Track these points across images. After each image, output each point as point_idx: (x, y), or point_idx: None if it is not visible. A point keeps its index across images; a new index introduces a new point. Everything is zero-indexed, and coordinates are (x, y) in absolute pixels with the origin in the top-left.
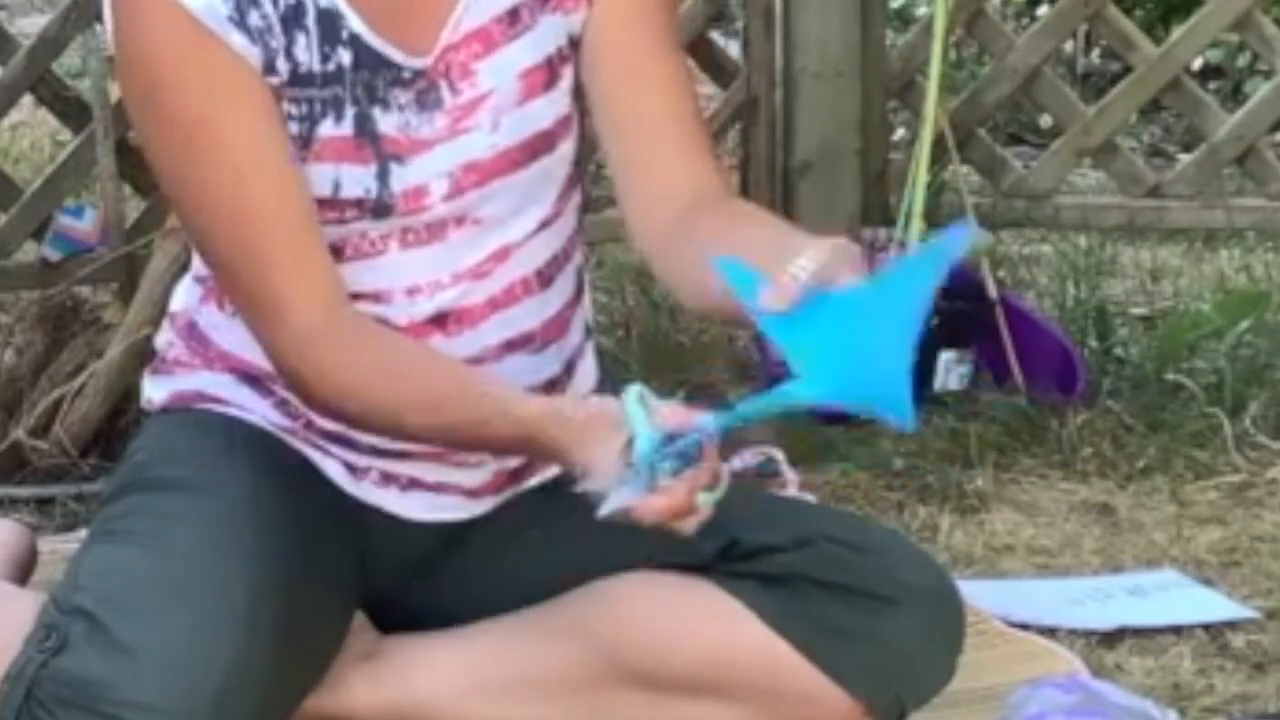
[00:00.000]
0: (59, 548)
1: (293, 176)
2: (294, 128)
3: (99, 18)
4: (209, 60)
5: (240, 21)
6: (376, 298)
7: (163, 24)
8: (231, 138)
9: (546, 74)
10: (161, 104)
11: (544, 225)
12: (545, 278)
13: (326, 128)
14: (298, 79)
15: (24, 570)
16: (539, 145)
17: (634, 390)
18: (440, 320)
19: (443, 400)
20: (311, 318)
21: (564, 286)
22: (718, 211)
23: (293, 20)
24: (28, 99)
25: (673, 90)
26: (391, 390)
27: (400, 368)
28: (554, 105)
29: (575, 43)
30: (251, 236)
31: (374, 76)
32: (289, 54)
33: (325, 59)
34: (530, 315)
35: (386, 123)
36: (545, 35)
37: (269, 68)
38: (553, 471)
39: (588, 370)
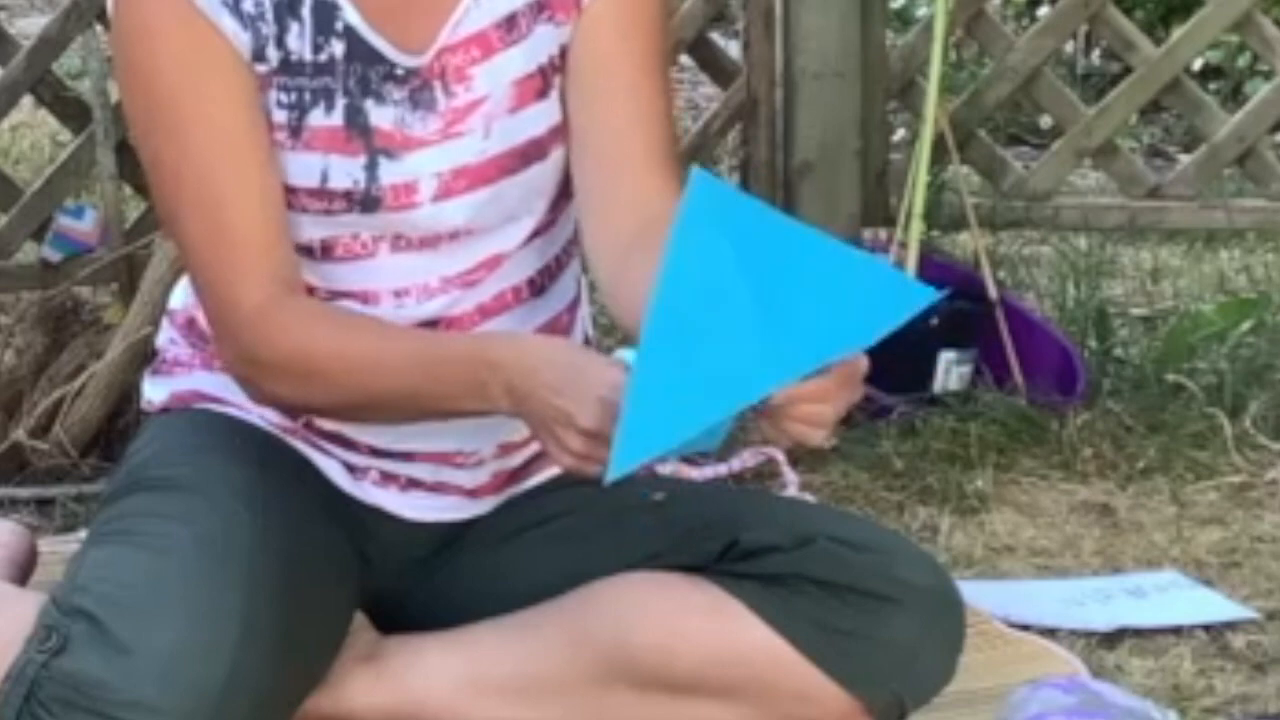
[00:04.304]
0: (59, 548)
1: (262, 161)
2: (283, 115)
3: (99, 18)
4: (194, 39)
5: (234, 6)
6: (364, 298)
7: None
8: (204, 116)
9: (539, 83)
10: (143, 75)
11: (537, 234)
12: (537, 286)
13: (316, 117)
14: (288, 67)
15: (24, 571)
16: (531, 152)
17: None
18: (429, 327)
19: (397, 360)
20: (265, 299)
21: (558, 293)
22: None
23: (287, 9)
24: (28, 100)
25: (647, 114)
26: (342, 358)
27: (351, 333)
28: (546, 113)
29: (565, 53)
30: (214, 214)
31: (367, 69)
32: (280, 42)
33: (317, 49)
34: (520, 323)
35: (381, 116)
36: (539, 45)
37: (259, 55)
38: (553, 471)
39: None
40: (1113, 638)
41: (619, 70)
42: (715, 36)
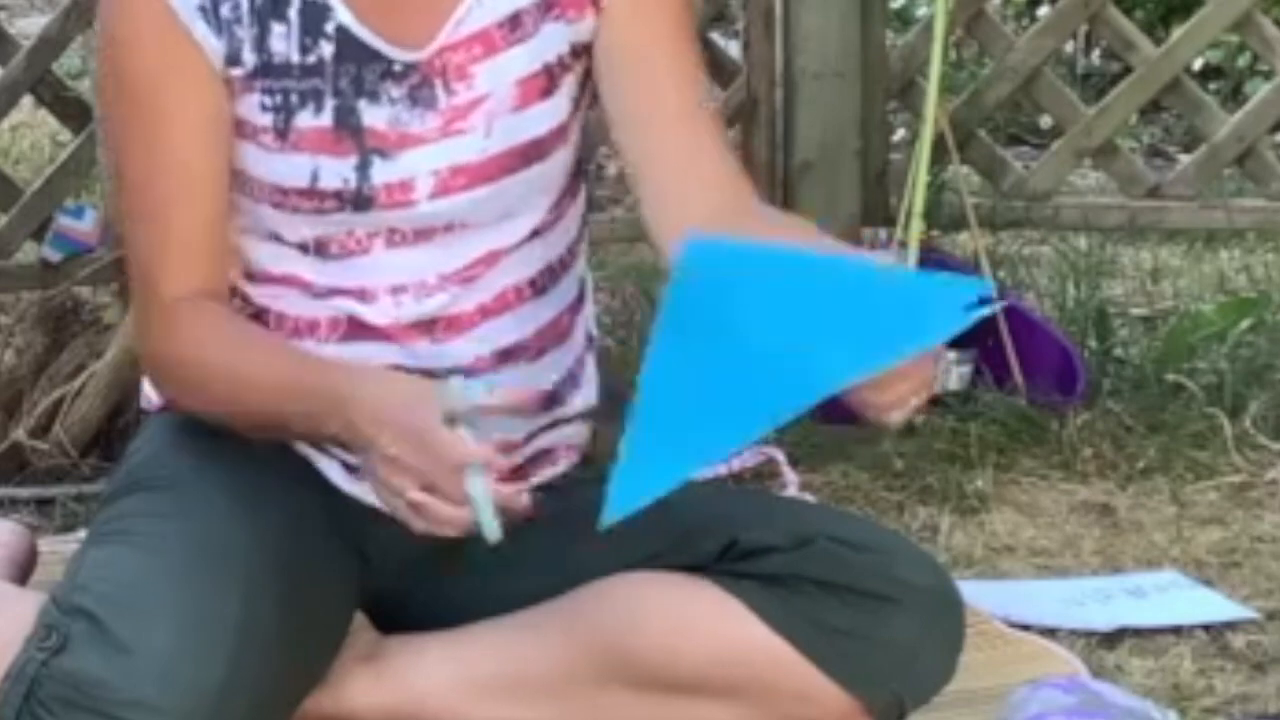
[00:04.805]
0: (59, 548)
1: (214, 169)
2: (269, 118)
3: None
4: (162, 41)
5: (210, 11)
6: (361, 295)
7: None
8: (161, 115)
9: (544, 82)
10: (110, 65)
11: (536, 233)
12: (538, 286)
13: (304, 118)
14: (271, 70)
15: (24, 570)
16: (531, 152)
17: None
18: (428, 326)
19: (272, 382)
20: (186, 294)
21: (561, 294)
22: (745, 219)
23: (270, 11)
24: (28, 99)
25: (685, 87)
26: (221, 369)
27: (241, 350)
28: (550, 113)
29: (578, 51)
30: (156, 210)
31: (362, 69)
32: (261, 44)
33: (305, 50)
34: (522, 323)
35: (374, 116)
36: (545, 43)
37: (233, 59)
38: (552, 471)
39: (589, 382)
40: (1113, 638)
41: (652, 51)
42: (715, 36)
